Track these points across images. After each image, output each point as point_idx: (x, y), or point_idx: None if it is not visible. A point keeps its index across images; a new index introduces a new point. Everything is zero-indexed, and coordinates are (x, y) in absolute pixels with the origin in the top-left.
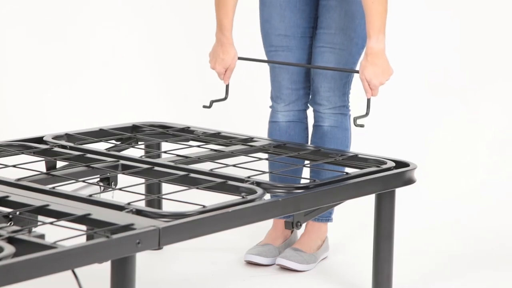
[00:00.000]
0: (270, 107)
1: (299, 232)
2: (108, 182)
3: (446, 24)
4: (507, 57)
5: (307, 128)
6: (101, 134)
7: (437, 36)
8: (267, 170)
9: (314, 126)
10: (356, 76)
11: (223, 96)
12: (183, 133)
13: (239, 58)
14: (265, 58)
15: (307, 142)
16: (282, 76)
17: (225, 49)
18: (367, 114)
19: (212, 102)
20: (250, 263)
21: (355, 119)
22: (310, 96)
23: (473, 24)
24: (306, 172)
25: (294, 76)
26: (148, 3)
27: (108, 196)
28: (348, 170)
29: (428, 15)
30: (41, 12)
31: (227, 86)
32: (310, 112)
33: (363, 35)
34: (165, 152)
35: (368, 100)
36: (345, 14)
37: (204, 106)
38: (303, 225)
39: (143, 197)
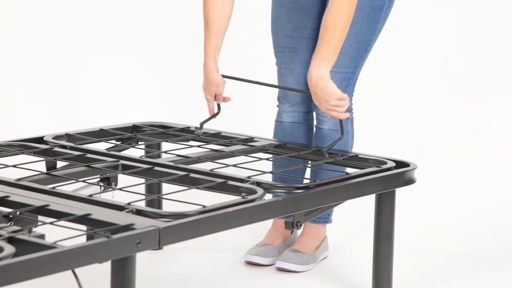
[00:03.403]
0: (277, 106)
1: (299, 232)
2: (108, 182)
3: (445, 23)
4: (508, 58)
5: (311, 129)
6: (101, 134)
7: (436, 35)
8: (267, 170)
9: (316, 127)
10: (361, 78)
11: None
12: (183, 133)
13: (224, 76)
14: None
15: (311, 144)
16: (288, 77)
17: (206, 76)
18: (340, 138)
19: (202, 124)
20: (250, 264)
21: (328, 147)
22: None
23: (473, 21)
24: (307, 173)
25: (300, 78)
26: (148, 3)
27: (108, 196)
28: (348, 170)
29: (428, 11)
30: (40, 11)
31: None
32: None
33: (365, 39)
34: (165, 152)
35: (340, 122)
36: None
37: (196, 128)
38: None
39: (143, 197)
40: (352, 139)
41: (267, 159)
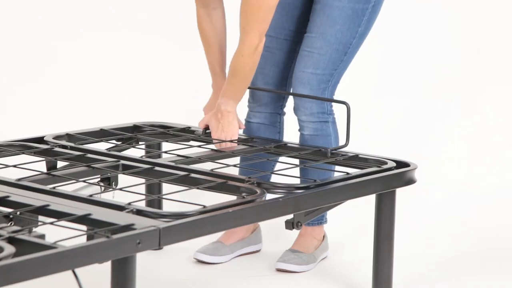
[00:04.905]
0: (247, 106)
1: (263, 232)
2: (108, 182)
3: (444, 22)
4: (506, 55)
5: (279, 132)
6: (101, 134)
7: (435, 33)
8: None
9: (299, 131)
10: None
11: None
12: (183, 133)
13: None
14: None
15: None
16: (257, 76)
17: (215, 95)
18: (346, 145)
19: (204, 130)
20: (199, 262)
21: (331, 149)
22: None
23: (470, 21)
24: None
25: (268, 78)
26: (148, 3)
27: (108, 196)
28: (349, 170)
29: (424, 11)
30: (40, 10)
31: None
32: (289, 118)
33: (345, 41)
34: (165, 152)
35: (347, 128)
36: (327, 18)
37: (198, 134)
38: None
39: (144, 197)
40: (336, 140)
41: (267, 159)
